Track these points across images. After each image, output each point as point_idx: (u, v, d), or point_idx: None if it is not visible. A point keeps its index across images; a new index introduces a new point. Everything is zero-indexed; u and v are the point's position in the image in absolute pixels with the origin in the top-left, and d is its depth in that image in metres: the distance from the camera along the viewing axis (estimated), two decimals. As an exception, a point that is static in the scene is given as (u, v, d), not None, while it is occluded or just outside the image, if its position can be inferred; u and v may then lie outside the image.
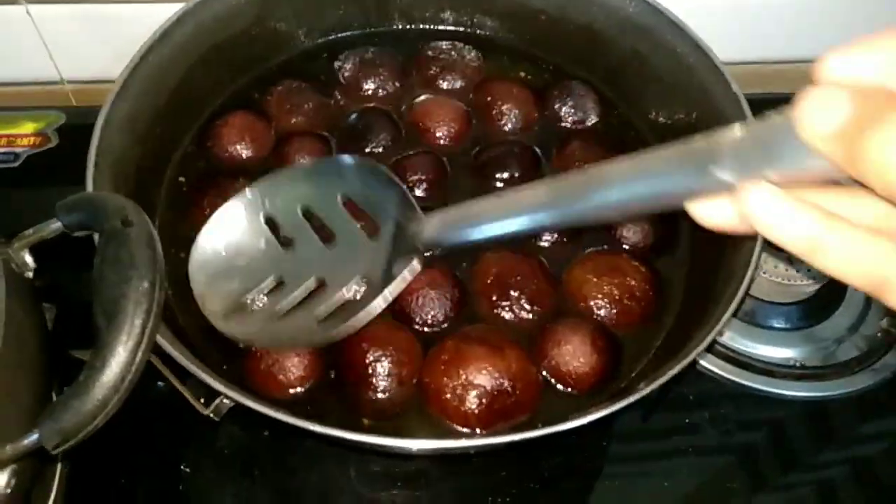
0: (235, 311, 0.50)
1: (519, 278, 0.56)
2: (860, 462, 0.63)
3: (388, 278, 0.49)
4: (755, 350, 0.67)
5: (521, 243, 0.60)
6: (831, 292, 0.70)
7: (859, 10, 0.84)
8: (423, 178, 0.62)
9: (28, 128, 0.76)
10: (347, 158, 0.56)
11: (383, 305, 0.49)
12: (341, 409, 0.52)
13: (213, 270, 0.51)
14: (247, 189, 0.54)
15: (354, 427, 0.49)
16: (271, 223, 0.53)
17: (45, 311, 0.55)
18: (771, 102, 0.83)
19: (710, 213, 0.32)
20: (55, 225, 0.46)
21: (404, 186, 0.52)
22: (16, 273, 0.47)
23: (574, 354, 0.53)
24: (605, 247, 0.60)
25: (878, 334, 0.68)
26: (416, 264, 0.49)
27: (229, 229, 0.53)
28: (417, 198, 0.61)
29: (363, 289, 0.50)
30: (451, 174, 0.63)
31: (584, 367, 0.53)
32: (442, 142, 0.65)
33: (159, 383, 0.51)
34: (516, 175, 0.63)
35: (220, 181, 0.60)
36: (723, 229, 0.32)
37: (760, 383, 0.65)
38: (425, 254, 0.50)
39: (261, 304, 0.51)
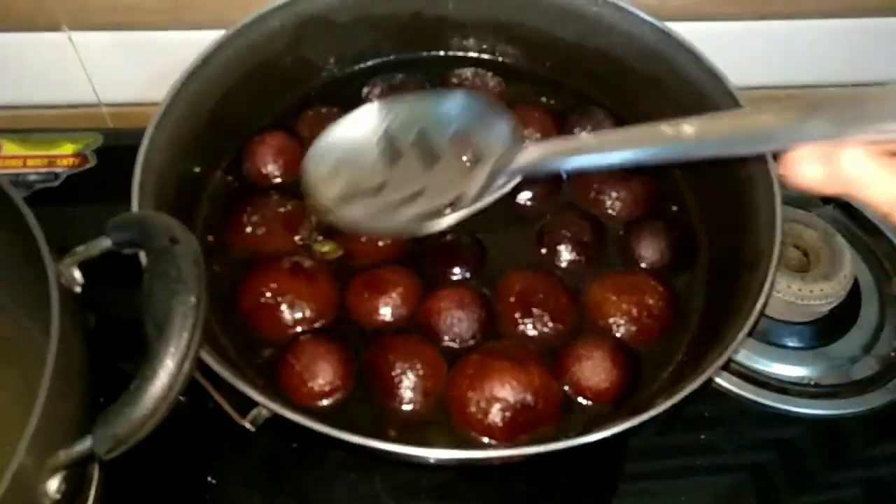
0: (340, 201, 0.55)
1: (541, 296, 0.59)
2: (874, 482, 0.64)
3: (481, 197, 0.54)
4: (770, 368, 0.68)
5: (542, 262, 0.62)
6: (845, 312, 0.71)
7: (869, 35, 0.86)
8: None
9: (67, 149, 0.79)
10: (468, 94, 0.61)
11: (470, 212, 0.53)
12: (368, 422, 0.54)
13: (326, 167, 0.56)
14: (375, 102, 0.59)
15: (380, 438, 0.51)
16: (387, 138, 0.57)
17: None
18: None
19: (802, 170, 0.35)
20: (105, 243, 0.49)
21: (516, 122, 0.56)
22: (66, 288, 0.50)
23: (594, 370, 0.55)
24: (624, 267, 0.63)
25: (892, 353, 0.69)
26: (508, 185, 0.53)
27: (349, 134, 0.58)
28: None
29: (457, 202, 0.54)
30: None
31: (604, 383, 0.55)
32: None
33: (180, 398, 0.53)
34: (536, 193, 0.65)
35: (254, 199, 0.63)
36: (810, 187, 0.35)
37: (775, 401, 0.66)
38: (516, 176, 0.53)
39: (362, 200, 0.55)
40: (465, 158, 0.56)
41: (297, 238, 0.62)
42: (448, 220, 0.53)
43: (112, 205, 0.54)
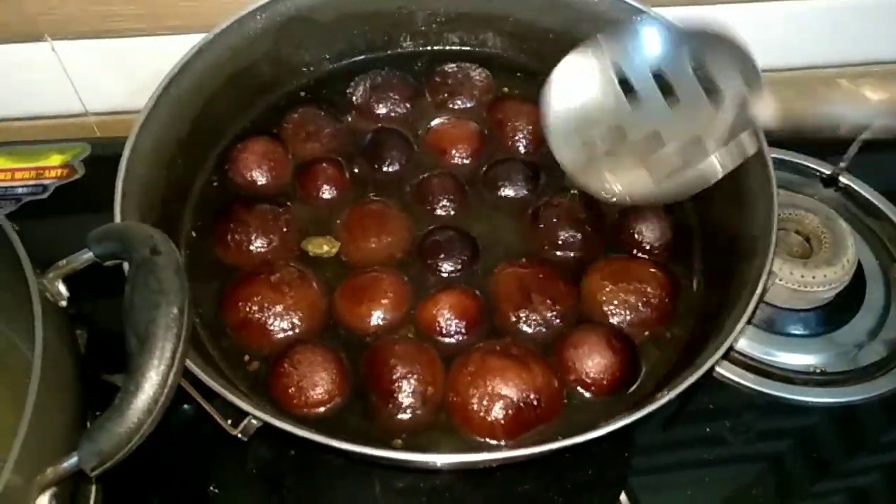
0: (578, 148, 0.54)
1: (537, 288, 0.58)
2: (888, 468, 0.63)
3: (721, 146, 0.51)
4: (775, 357, 0.67)
5: (537, 248, 0.62)
6: (849, 297, 0.69)
7: (865, 17, 0.85)
8: (445, 198, 0.64)
9: (55, 160, 0.79)
10: (704, 25, 0.54)
11: (718, 176, 0.51)
12: (366, 426, 0.53)
13: (565, 105, 0.55)
14: (602, 40, 0.55)
15: (380, 443, 0.51)
16: (621, 76, 0.54)
17: (78, 338, 0.57)
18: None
19: None
20: (87, 255, 0.48)
21: (754, 58, 0.51)
22: (50, 302, 0.49)
23: (594, 363, 0.54)
24: (622, 252, 0.62)
25: (899, 338, 0.68)
26: (749, 140, 0.50)
27: (583, 75, 0.55)
28: (438, 217, 0.63)
29: (697, 150, 0.52)
30: (469, 192, 0.65)
31: (604, 375, 0.54)
32: (458, 161, 0.67)
33: (185, 406, 0.53)
34: (526, 188, 0.65)
35: (240, 206, 0.62)
36: None
37: (781, 391, 0.65)
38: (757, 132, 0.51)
39: (601, 145, 0.54)
40: (704, 93, 0.52)
41: (282, 244, 0.61)
42: (692, 176, 0.51)
43: (102, 215, 0.53)
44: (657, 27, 0.55)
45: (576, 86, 0.55)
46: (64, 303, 0.51)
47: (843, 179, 0.77)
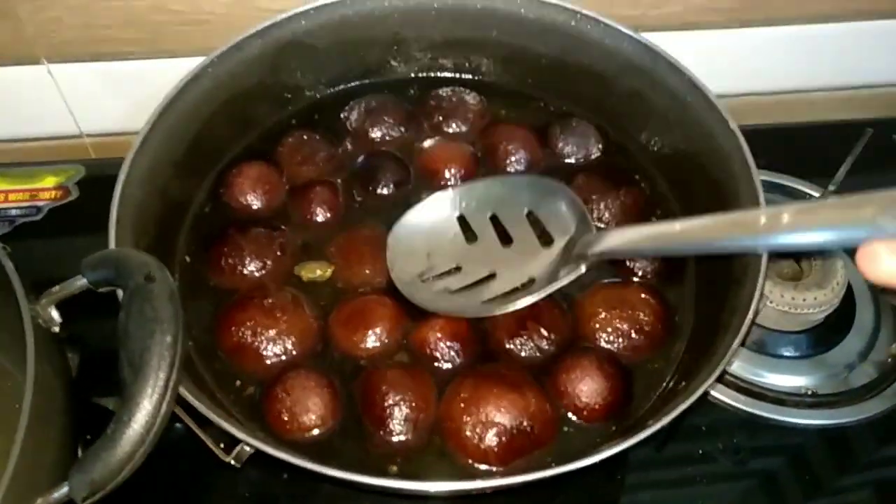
0: (415, 280, 0.58)
1: (532, 315, 0.58)
2: (878, 489, 0.63)
3: (553, 279, 0.55)
4: (766, 379, 0.67)
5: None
6: (840, 319, 0.70)
7: (852, 41, 0.86)
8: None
9: (49, 182, 0.79)
10: (538, 178, 0.63)
11: (542, 297, 0.54)
12: (360, 451, 0.53)
13: (406, 245, 0.59)
14: (450, 189, 0.61)
15: (373, 470, 0.51)
16: (462, 220, 0.60)
17: (69, 361, 0.56)
18: (771, 133, 0.85)
19: (881, 264, 0.35)
20: (81, 282, 0.48)
21: (584, 206, 0.58)
22: (42, 328, 0.49)
23: (588, 388, 0.55)
24: (614, 278, 0.62)
25: (889, 359, 0.68)
26: (582, 268, 0.54)
27: (428, 216, 0.60)
28: None
29: (528, 285, 0.56)
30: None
31: (598, 401, 0.55)
32: (451, 183, 0.67)
33: (177, 425, 0.52)
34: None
35: (234, 231, 0.62)
36: (888, 281, 0.35)
37: (772, 412, 0.65)
38: (589, 263, 0.54)
39: (438, 280, 0.58)
40: (537, 236, 0.58)
41: (277, 269, 0.61)
42: (521, 302, 0.54)
43: (96, 236, 0.53)
44: (500, 182, 0.63)
45: (422, 229, 0.60)
46: (56, 329, 0.51)
47: (832, 202, 0.78)
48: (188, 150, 0.64)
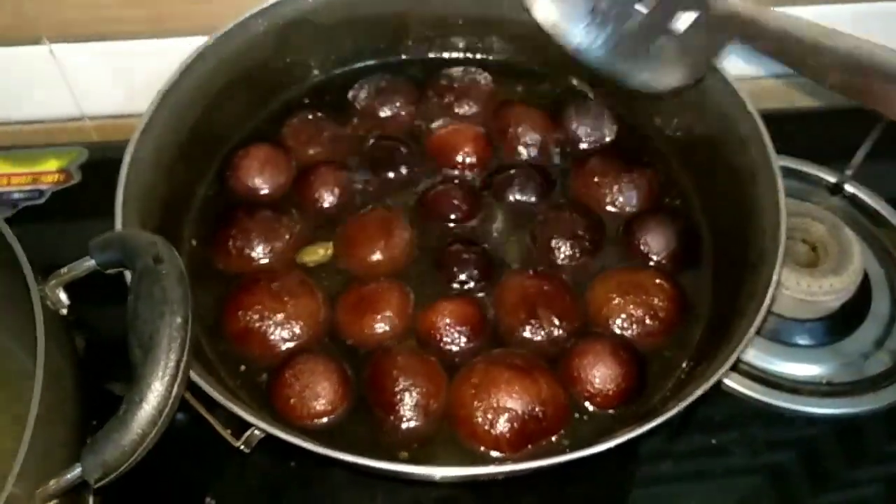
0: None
1: (543, 299, 0.57)
2: (890, 481, 0.62)
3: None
4: (781, 368, 0.66)
5: (539, 262, 0.61)
6: (855, 307, 0.69)
7: (869, 23, 0.84)
8: (450, 207, 0.63)
9: (52, 165, 0.78)
10: None
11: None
12: (369, 438, 0.53)
13: None
14: None
15: (384, 455, 0.50)
16: None
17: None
18: (786, 117, 0.84)
19: None
20: (88, 263, 0.48)
21: None
22: (51, 310, 0.48)
23: (601, 374, 0.54)
24: (628, 262, 0.61)
25: (905, 348, 0.68)
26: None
27: None
28: (444, 226, 0.62)
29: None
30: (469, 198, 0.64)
31: (611, 388, 0.54)
32: (462, 166, 0.66)
33: (183, 416, 0.51)
34: (532, 197, 0.64)
35: (240, 214, 0.61)
36: None
37: (787, 402, 0.64)
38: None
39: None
40: None
41: (284, 252, 0.60)
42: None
43: (99, 220, 0.52)
44: None
45: None
46: (65, 311, 0.50)
47: (848, 188, 0.77)
48: (193, 132, 0.63)
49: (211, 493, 0.59)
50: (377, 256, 0.60)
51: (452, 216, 0.63)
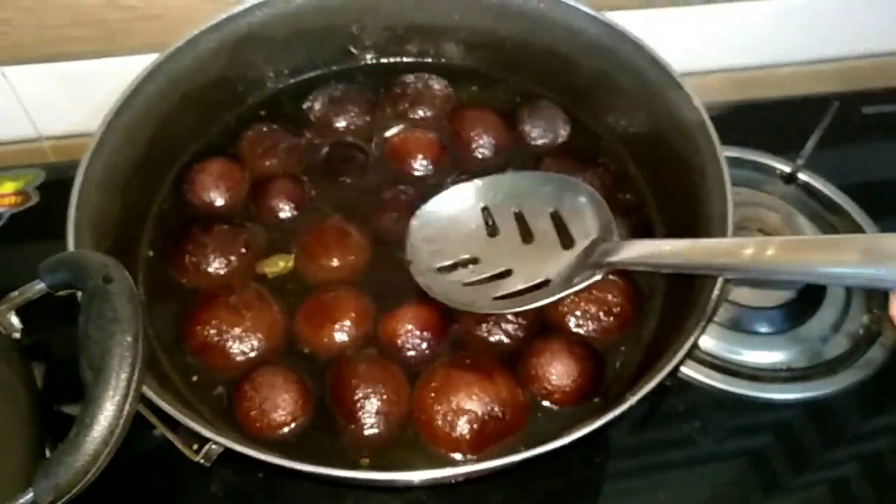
0: (432, 269, 0.58)
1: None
2: (857, 459, 0.63)
3: (568, 284, 0.55)
4: (742, 356, 0.67)
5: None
6: (812, 292, 0.70)
7: (816, 14, 0.86)
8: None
9: (8, 187, 0.77)
10: (567, 178, 0.62)
11: (553, 300, 0.55)
12: (332, 446, 0.53)
13: (427, 232, 0.60)
14: (477, 179, 0.62)
15: (346, 463, 0.50)
16: (486, 212, 0.60)
17: (34, 369, 0.55)
18: (739, 109, 0.85)
19: None
20: (39, 286, 0.47)
21: (610, 213, 0.58)
22: (3, 335, 0.48)
23: (557, 372, 0.54)
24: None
25: (860, 330, 0.69)
26: (598, 276, 0.54)
27: (452, 205, 0.60)
28: (399, 230, 0.62)
29: (543, 286, 0.56)
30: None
31: (569, 384, 0.54)
32: (418, 172, 0.67)
33: (147, 432, 0.51)
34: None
35: (196, 229, 0.61)
36: None
37: (749, 389, 0.65)
38: (606, 272, 0.55)
39: (453, 272, 0.58)
40: (558, 237, 0.58)
41: (242, 265, 0.60)
42: (534, 303, 0.55)
43: (58, 241, 0.52)
44: (529, 178, 0.63)
45: (443, 218, 0.60)
46: (17, 335, 0.49)
47: (801, 176, 0.78)
48: (148, 149, 0.62)
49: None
50: (335, 264, 0.60)
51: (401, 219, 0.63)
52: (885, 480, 0.62)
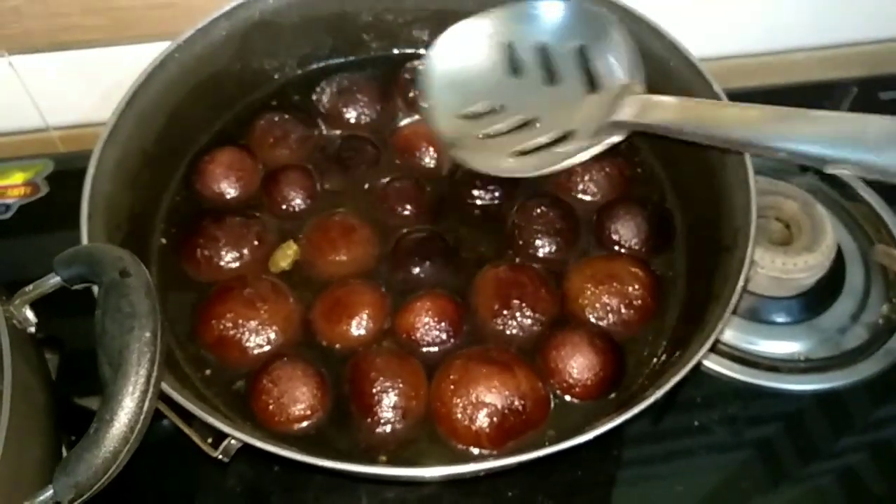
0: (450, 114, 0.54)
1: (518, 293, 0.57)
2: (875, 450, 0.63)
3: (591, 138, 0.51)
4: (759, 347, 0.67)
5: (517, 257, 0.60)
6: (831, 282, 0.69)
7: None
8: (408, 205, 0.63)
9: (17, 178, 0.76)
10: (599, 11, 0.55)
11: (576, 162, 0.52)
12: (350, 441, 0.52)
13: (444, 71, 0.55)
14: (497, 8, 0.55)
15: (364, 458, 0.50)
16: (508, 48, 0.54)
17: (48, 362, 0.55)
18: (755, 96, 0.84)
19: None
20: (54, 280, 0.47)
21: (640, 58, 0.53)
22: (18, 329, 0.48)
23: (578, 364, 0.54)
24: (603, 251, 0.61)
25: (880, 321, 0.68)
26: (620, 136, 0.51)
27: (469, 42, 0.55)
28: (403, 217, 0.62)
29: (566, 140, 0.52)
30: (437, 196, 0.64)
31: (590, 378, 0.54)
32: (428, 164, 0.66)
33: (164, 422, 0.51)
34: (496, 193, 0.63)
35: (208, 221, 0.60)
36: None
37: (767, 380, 0.64)
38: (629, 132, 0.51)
39: (476, 121, 0.53)
40: (586, 79, 0.53)
41: (254, 257, 0.60)
42: (563, 163, 0.51)
43: (68, 233, 0.51)
44: (557, 7, 0.55)
45: (462, 54, 0.54)
46: (32, 329, 0.49)
47: (819, 164, 0.77)
48: (159, 139, 0.62)
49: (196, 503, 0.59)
50: (344, 257, 0.59)
51: (411, 211, 0.62)
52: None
